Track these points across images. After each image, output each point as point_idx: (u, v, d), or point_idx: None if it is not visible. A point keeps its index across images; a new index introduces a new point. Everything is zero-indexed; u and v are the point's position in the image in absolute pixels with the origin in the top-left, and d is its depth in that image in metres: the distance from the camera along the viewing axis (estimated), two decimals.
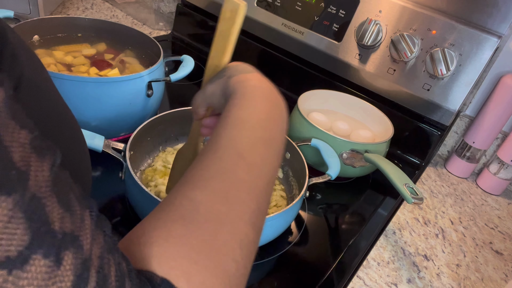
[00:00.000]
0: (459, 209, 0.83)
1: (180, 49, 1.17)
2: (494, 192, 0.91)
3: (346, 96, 0.90)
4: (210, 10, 1.12)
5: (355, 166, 0.75)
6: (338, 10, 0.91)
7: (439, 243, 0.72)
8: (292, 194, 0.68)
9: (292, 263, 0.60)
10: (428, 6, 0.83)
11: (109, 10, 1.25)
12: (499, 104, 0.85)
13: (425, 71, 0.84)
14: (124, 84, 0.66)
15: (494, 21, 0.78)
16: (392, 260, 0.66)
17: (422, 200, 0.59)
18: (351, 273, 0.61)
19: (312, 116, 0.83)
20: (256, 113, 0.36)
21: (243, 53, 1.10)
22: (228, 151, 0.32)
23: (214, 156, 0.32)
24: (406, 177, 0.63)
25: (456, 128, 0.96)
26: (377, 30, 0.85)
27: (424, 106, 0.87)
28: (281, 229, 0.59)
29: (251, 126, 0.34)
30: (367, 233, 0.70)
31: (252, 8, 1.02)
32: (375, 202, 0.79)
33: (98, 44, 0.81)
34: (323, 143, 0.70)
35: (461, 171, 0.93)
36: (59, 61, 0.73)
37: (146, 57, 0.81)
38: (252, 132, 0.34)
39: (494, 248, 0.74)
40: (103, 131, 0.60)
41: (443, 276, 0.65)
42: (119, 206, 0.62)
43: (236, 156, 0.32)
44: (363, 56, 0.90)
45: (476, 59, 0.79)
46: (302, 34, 0.97)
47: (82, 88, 0.62)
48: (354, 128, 0.85)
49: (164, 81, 0.74)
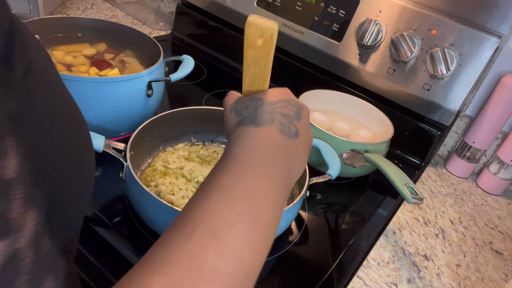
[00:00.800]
0: (459, 209, 0.83)
1: (180, 49, 1.17)
2: (494, 192, 0.91)
3: (346, 96, 0.90)
4: (210, 10, 1.12)
5: (355, 166, 0.75)
6: (338, 10, 0.91)
7: (439, 243, 0.72)
8: (292, 194, 0.68)
9: (292, 263, 0.60)
10: (428, 6, 0.83)
11: (109, 10, 1.25)
12: (499, 104, 0.85)
13: (425, 71, 0.84)
14: (124, 84, 0.66)
15: (494, 21, 0.78)
16: (392, 260, 0.66)
17: (422, 200, 0.59)
18: (351, 273, 0.61)
19: (312, 116, 0.83)
20: (242, 182, 0.30)
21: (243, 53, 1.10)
22: (201, 227, 0.26)
23: (183, 232, 0.26)
24: (406, 177, 0.63)
25: (456, 128, 0.96)
26: (377, 30, 0.85)
27: (424, 106, 0.87)
28: (281, 229, 0.59)
29: (234, 198, 0.28)
30: (367, 233, 0.70)
31: (252, 8, 1.02)
32: (375, 202, 0.79)
33: (98, 44, 0.81)
34: (324, 143, 0.70)
35: (461, 171, 0.93)
36: (59, 61, 0.73)
37: (146, 57, 0.81)
38: (234, 205, 0.28)
39: (494, 248, 0.74)
40: (104, 131, 0.60)
41: (443, 276, 0.65)
42: (119, 206, 0.62)
43: (209, 234, 0.26)
44: (363, 56, 0.90)
45: (476, 59, 0.79)
46: (302, 34, 0.97)
47: (82, 88, 0.62)
48: (354, 128, 0.85)
49: (164, 81, 0.74)
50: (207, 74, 1.07)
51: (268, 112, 0.37)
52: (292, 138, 0.36)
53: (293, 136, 0.37)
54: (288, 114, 0.38)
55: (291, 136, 0.36)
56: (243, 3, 1.04)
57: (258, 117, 0.36)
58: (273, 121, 0.36)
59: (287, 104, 0.38)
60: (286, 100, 0.39)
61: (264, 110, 0.37)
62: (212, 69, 1.10)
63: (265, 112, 0.36)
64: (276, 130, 0.35)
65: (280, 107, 0.38)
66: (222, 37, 1.12)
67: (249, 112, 0.37)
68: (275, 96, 0.39)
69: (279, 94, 0.39)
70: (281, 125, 0.36)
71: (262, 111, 0.37)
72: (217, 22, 1.12)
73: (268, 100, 0.38)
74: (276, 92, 0.40)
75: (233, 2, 1.06)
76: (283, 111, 0.37)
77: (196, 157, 0.72)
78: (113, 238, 0.56)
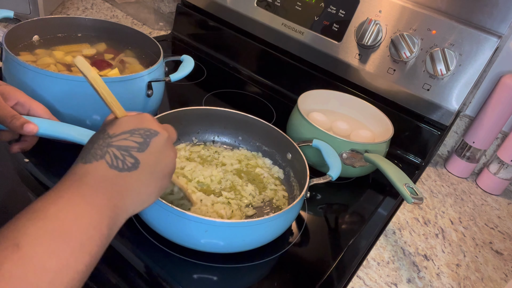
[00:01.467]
0: (459, 209, 0.83)
1: (180, 49, 1.17)
2: (494, 192, 0.91)
3: (346, 96, 0.90)
4: (210, 10, 1.12)
5: (355, 166, 0.75)
6: (338, 10, 0.91)
7: (439, 243, 0.72)
8: (293, 195, 0.68)
9: (292, 263, 0.60)
10: (428, 6, 0.83)
11: (109, 10, 1.25)
12: (499, 104, 0.85)
13: (425, 71, 0.84)
14: (124, 84, 0.66)
15: (494, 21, 0.78)
16: (392, 260, 0.66)
17: (422, 200, 0.59)
18: (351, 273, 0.61)
19: (312, 116, 0.83)
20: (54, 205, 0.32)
21: (243, 53, 1.10)
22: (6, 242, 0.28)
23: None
24: (406, 177, 0.63)
25: (456, 128, 0.96)
26: (377, 30, 0.85)
27: (424, 106, 0.87)
28: (282, 229, 0.59)
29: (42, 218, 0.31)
30: (367, 233, 0.70)
31: (252, 8, 1.02)
32: (375, 202, 0.79)
33: (98, 44, 0.81)
34: (325, 144, 0.70)
35: (461, 171, 0.93)
36: (59, 61, 0.73)
37: (146, 57, 0.81)
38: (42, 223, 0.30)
39: (494, 248, 0.75)
40: None
41: (443, 276, 0.65)
42: None
43: (12, 247, 0.28)
44: (363, 56, 0.90)
45: (476, 59, 0.79)
46: (302, 34, 0.97)
47: (82, 88, 0.62)
48: (354, 128, 0.85)
49: (164, 81, 0.74)
50: (207, 74, 1.07)
51: (102, 146, 0.38)
52: (125, 171, 0.38)
53: (127, 169, 0.38)
54: (128, 146, 0.39)
55: (124, 169, 0.38)
56: (243, 3, 1.04)
57: (88, 152, 0.38)
58: (104, 155, 0.37)
59: (132, 135, 0.40)
60: (132, 131, 0.40)
61: (100, 144, 0.38)
62: (212, 69, 1.10)
63: (99, 147, 0.38)
64: (105, 164, 0.37)
65: (119, 140, 0.39)
66: (222, 37, 1.12)
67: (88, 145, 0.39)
68: (122, 127, 0.40)
69: (128, 123, 0.41)
70: (112, 159, 0.37)
71: (96, 146, 0.38)
72: (217, 22, 1.12)
73: (110, 132, 0.40)
74: (126, 122, 0.41)
75: (233, 2, 1.06)
76: (121, 144, 0.39)
77: (197, 157, 0.72)
78: None
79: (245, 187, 0.66)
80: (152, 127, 0.41)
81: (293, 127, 0.80)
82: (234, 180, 0.67)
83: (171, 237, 0.55)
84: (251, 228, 0.53)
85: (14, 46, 0.71)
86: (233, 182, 0.67)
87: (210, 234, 0.52)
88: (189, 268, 0.55)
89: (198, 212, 0.59)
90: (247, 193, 0.66)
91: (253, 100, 1.02)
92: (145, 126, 0.41)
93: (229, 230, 0.53)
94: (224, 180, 0.67)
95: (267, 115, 0.95)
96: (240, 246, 0.56)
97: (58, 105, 0.63)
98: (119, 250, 0.55)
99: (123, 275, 0.52)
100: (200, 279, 0.54)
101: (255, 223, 0.53)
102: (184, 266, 0.55)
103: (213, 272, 0.55)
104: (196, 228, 0.51)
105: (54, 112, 0.62)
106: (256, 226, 0.53)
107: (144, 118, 0.42)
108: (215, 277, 0.55)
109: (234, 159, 0.73)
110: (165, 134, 0.42)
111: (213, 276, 0.55)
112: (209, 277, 0.55)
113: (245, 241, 0.55)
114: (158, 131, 0.42)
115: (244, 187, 0.66)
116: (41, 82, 0.61)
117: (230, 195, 0.64)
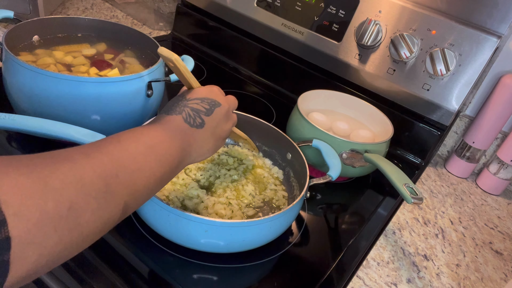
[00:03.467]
0: (459, 209, 0.83)
1: (180, 49, 1.17)
2: (494, 192, 0.91)
3: (346, 96, 0.90)
4: (210, 10, 1.12)
5: (355, 166, 0.75)
6: (338, 10, 0.91)
7: (439, 243, 0.72)
8: (293, 195, 0.68)
9: (292, 263, 0.60)
10: (428, 6, 0.83)
11: (109, 10, 1.25)
12: (499, 104, 0.85)
13: (424, 71, 0.84)
14: (124, 84, 0.66)
15: (494, 21, 0.78)
16: (392, 260, 0.66)
17: (422, 200, 0.59)
18: (351, 273, 0.61)
19: (312, 116, 0.83)
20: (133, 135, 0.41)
21: (243, 53, 1.10)
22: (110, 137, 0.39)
23: None
24: (406, 177, 0.63)
25: (456, 128, 0.97)
26: (376, 30, 0.85)
27: (424, 106, 0.87)
28: (282, 229, 0.59)
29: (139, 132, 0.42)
30: (367, 233, 0.70)
31: (252, 8, 1.02)
32: (375, 202, 0.79)
33: (98, 44, 0.81)
34: (325, 144, 0.70)
35: (461, 171, 0.93)
36: (59, 61, 0.73)
37: (146, 57, 0.81)
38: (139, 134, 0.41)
39: (494, 248, 0.75)
40: (103, 131, 0.60)
41: (443, 276, 0.66)
42: None
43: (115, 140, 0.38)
44: (363, 56, 0.90)
45: (476, 59, 0.79)
46: (302, 34, 0.97)
47: (82, 88, 0.62)
48: (354, 128, 0.85)
49: (164, 81, 0.74)
50: (207, 74, 1.07)
51: (181, 106, 0.49)
52: (194, 127, 0.48)
53: (196, 126, 0.48)
54: (198, 109, 0.49)
55: (194, 126, 0.48)
56: (243, 3, 1.04)
57: (171, 108, 0.48)
58: (181, 112, 0.48)
59: (202, 102, 0.50)
60: (203, 99, 0.51)
61: (179, 104, 0.49)
62: (212, 69, 1.10)
63: (178, 106, 0.49)
64: (181, 119, 0.47)
65: (192, 103, 0.50)
66: (222, 37, 1.12)
67: (170, 104, 0.49)
68: (196, 94, 0.51)
69: (201, 93, 0.51)
70: (187, 116, 0.48)
71: (177, 105, 0.49)
72: (217, 22, 1.12)
73: (187, 97, 0.50)
74: (200, 91, 0.52)
75: (233, 2, 1.06)
76: (194, 107, 0.49)
77: None
78: (112, 237, 0.56)
79: (245, 187, 0.67)
80: (217, 98, 0.52)
81: (293, 127, 0.80)
82: (234, 180, 0.68)
83: (171, 237, 0.55)
84: (251, 228, 0.54)
85: (14, 46, 0.71)
86: (233, 182, 0.67)
87: (210, 234, 0.52)
88: (189, 268, 0.55)
89: (204, 212, 0.59)
90: (247, 193, 0.66)
91: (253, 100, 1.02)
92: (212, 97, 0.52)
93: (229, 230, 0.53)
94: (224, 180, 0.67)
95: (267, 115, 0.95)
96: (240, 246, 0.56)
97: (58, 105, 0.63)
98: (119, 250, 0.55)
99: (123, 275, 0.52)
100: (200, 279, 0.55)
101: (255, 223, 0.53)
102: (184, 266, 0.55)
103: (213, 272, 0.55)
104: (196, 228, 0.51)
105: (54, 112, 0.63)
106: (256, 226, 0.54)
107: (213, 90, 0.53)
108: (215, 277, 0.55)
109: (234, 159, 0.73)
110: (226, 106, 0.53)
111: (213, 276, 0.55)
112: (209, 277, 0.55)
113: (245, 241, 0.55)
114: (221, 103, 0.52)
115: (244, 187, 0.66)
116: (41, 82, 0.61)
117: (231, 195, 0.64)
